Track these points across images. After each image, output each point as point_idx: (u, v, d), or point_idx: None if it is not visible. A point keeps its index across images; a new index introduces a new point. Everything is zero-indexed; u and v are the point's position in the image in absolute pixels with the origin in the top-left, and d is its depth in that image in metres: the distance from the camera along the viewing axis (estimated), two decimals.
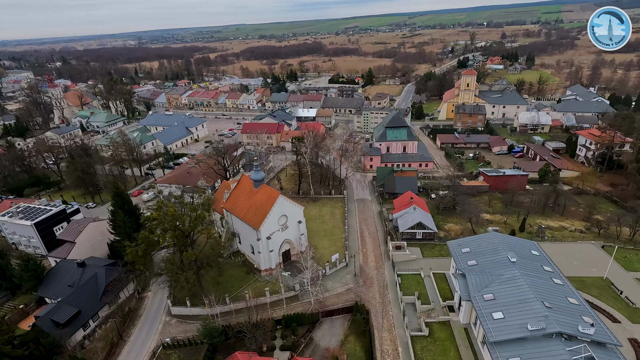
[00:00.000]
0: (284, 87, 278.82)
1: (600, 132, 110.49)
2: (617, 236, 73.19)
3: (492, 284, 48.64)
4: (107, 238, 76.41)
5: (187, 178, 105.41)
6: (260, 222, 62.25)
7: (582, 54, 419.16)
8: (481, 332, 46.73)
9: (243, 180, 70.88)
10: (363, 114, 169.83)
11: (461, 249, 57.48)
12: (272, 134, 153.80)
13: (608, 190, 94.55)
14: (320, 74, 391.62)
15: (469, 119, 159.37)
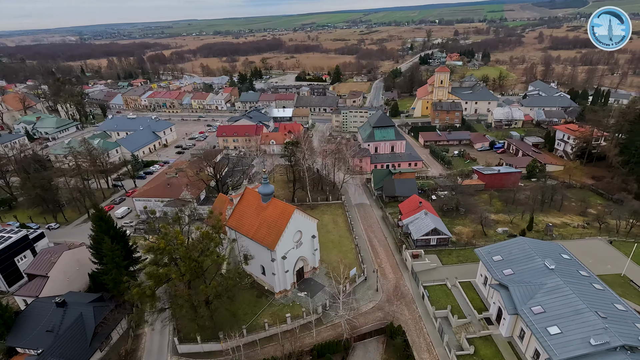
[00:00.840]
0: (252, 85, 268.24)
1: (578, 127, 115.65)
2: (617, 229, 75.65)
3: (536, 295, 46.76)
4: (87, 267, 66.24)
5: (167, 190, 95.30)
6: (275, 242, 56.11)
7: (529, 50, 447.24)
8: (532, 347, 44.70)
9: (248, 194, 64.01)
10: (342, 113, 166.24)
11: (492, 257, 55.42)
12: (251, 137, 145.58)
13: (593, 183, 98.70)
14: (285, 71, 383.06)
15: (447, 115, 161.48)
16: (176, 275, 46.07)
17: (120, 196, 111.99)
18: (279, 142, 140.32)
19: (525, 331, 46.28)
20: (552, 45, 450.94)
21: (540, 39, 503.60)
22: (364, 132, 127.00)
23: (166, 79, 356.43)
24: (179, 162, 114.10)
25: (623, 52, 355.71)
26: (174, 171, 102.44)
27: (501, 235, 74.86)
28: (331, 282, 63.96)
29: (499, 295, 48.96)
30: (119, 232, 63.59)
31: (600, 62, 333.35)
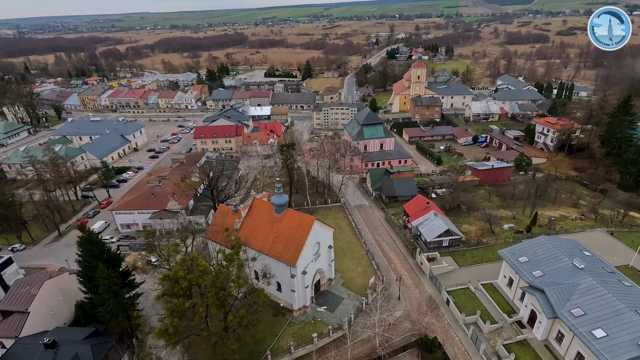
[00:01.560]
0: (222, 82, 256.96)
1: (556, 120, 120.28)
2: (612, 220, 78.68)
3: (572, 297, 46.37)
4: (72, 296, 58.22)
5: (152, 201, 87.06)
6: (296, 257, 51.80)
7: (488, 45, 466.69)
8: (574, 350, 44.19)
9: (257, 204, 58.87)
10: (323, 111, 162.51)
11: (517, 258, 54.74)
12: (231, 137, 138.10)
13: (577, 175, 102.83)
14: (252, 67, 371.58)
15: (427, 110, 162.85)
16: (203, 308, 40.44)
17: (94, 208, 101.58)
18: (263, 143, 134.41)
19: (564, 334, 45.77)
20: (507, 40, 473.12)
21: (495, 34, 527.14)
22: (352, 130, 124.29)
23: (124, 76, 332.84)
24: (159, 169, 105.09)
25: (572, 47, 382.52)
26: (157, 179, 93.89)
27: (508, 232, 75.27)
28: (350, 293, 61.04)
29: (535, 298, 48.14)
30: (113, 256, 56.08)
31: (553, 56, 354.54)
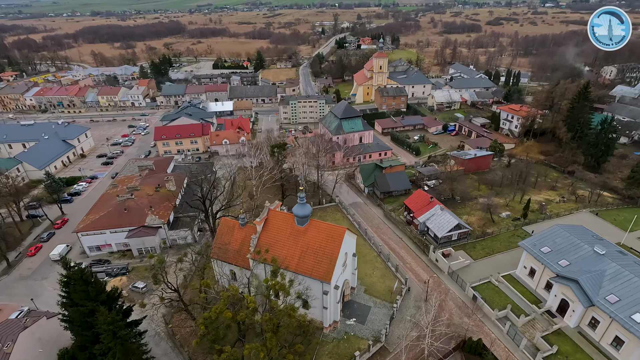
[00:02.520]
0: (169, 76, 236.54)
1: (519, 107, 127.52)
2: (589, 200, 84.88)
3: (603, 284, 48.13)
4: (52, 345, 48.23)
5: (126, 217, 75.90)
6: (330, 272, 47.49)
7: (428, 34, 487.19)
8: (611, 335, 46.05)
9: (274, 217, 53.00)
10: (290, 104, 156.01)
11: (539, 248, 55.86)
12: (197, 137, 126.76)
13: (545, 159, 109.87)
14: (197, 58, 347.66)
15: (393, 101, 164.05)
16: (264, 353, 34.45)
17: (47, 230, 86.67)
18: (233, 142, 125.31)
19: (599, 320, 47.46)
20: (445, 29, 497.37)
21: (433, 23, 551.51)
22: (330, 124, 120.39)
23: (47, 70, 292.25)
24: (124, 178, 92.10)
25: (503, 36, 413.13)
26: (127, 191, 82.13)
27: (506, 219, 77.58)
28: (375, 301, 58.31)
29: (568, 288, 49.25)
30: (112, 294, 46.89)
31: (488, 44, 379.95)
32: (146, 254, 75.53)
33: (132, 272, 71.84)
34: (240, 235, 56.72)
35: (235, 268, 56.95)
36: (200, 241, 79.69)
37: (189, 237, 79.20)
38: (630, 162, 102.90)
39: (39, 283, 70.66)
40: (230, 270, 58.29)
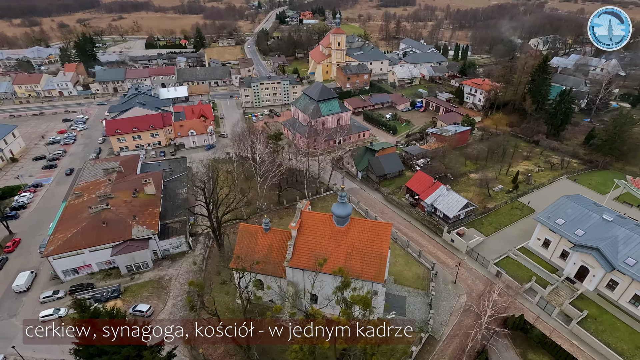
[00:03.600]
0: (97, 59, 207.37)
1: (482, 80, 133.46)
2: (562, 167, 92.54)
3: (619, 249, 52.56)
4: None
5: (105, 231, 65.27)
6: (382, 271, 45.40)
7: (366, 8, 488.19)
8: (630, 293, 50.99)
9: (309, 218, 48.68)
10: (252, 86, 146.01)
11: (554, 221, 59.22)
12: (158, 130, 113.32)
13: (512, 130, 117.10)
14: (124, 37, 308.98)
15: (357, 79, 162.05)
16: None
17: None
18: (200, 132, 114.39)
19: (617, 282, 52.07)
20: (382, 2, 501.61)
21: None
22: (305, 107, 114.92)
23: None
24: (87, 185, 78.65)
25: (437, 10, 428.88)
26: (99, 200, 70.41)
27: (500, 193, 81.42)
28: (408, 290, 57.90)
29: (589, 256, 53.03)
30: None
31: (425, 18, 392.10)
32: (137, 270, 66.77)
33: (126, 293, 62.82)
34: (266, 242, 51.80)
35: (261, 277, 52.21)
36: (195, 248, 72.28)
37: (182, 245, 71.16)
38: (583, 128, 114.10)
39: (8, 323, 58.64)
40: (255, 280, 53.41)
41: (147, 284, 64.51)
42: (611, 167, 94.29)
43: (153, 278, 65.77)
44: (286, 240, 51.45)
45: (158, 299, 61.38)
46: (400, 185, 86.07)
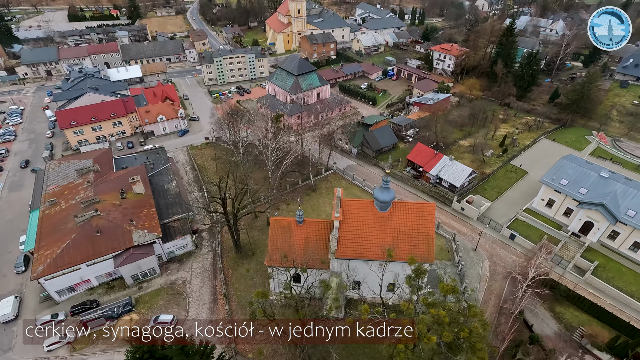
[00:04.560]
0: (12, 35, 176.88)
1: (450, 46, 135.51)
2: (538, 127, 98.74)
3: (619, 202, 57.89)
4: None
5: (101, 241, 57.83)
6: (431, 252, 45.68)
7: None
8: (630, 241, 57.01)
9: (348, 207, 46.62)
10: (215, 62, 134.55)
11: (559, 182, 63.30)
12: (121, 117, 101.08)
13: (484, 94, 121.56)
14: (38, 8, 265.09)
15: (323, 48, 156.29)
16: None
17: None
18: (170, 117, 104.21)
19: (618, 232, 57.79)
20: None
21: None
22: (284, 83, 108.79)
23: None
24: (61, 190, 68.03)
25: None
26: (84, 206, 61.75)
27: (492, 158, 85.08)
28: (435, 262, 59.30)
29: (596, 212, 57.89)
30: (206, 352, 36.10)
31: None
32: (143, 278, 60.94)
33: (139, 304, 57.28)
34: (301, 234, 49.37)
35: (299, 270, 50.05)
36: (201, 246, 67.41)
37: (188, 244, 65.89)
38: (545, 88, 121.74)
39: (5, 358, 51.06)
40: (292, 275, 51.17)
41: (160, 291, 59.34)
42: (576, 124, 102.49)
43: (164, 284, 60.64)
44: (322, 231, 49.57)
45: (178, 306, 56.96)
46: (397, 158, 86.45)
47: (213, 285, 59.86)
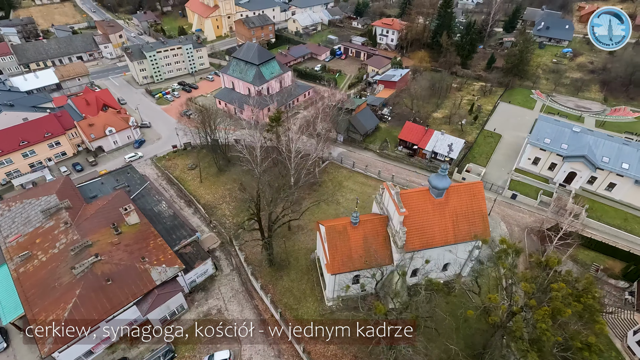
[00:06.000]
0: None
1: (391, 20, 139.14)
2: (490, 92, 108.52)
3: (594, 151, 67.56)
4: None
5: (115, 290, 48.67)
6: (487, 226, 48.30)
7: None
8: (606, 183, 67.53)
9: (406, 199, 46.12)
10: (149, 56, 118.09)
11: (543, 141, 71.10)
12: (58, 136, 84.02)
13: (432, 65, 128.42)
14: None
15: (262, 32, 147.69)
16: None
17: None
18: (121, 128, 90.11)
19: (596, 177, 67.86)
20: None
21: None
22: (244, 74, 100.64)
23: None
24: (31, 238, 54.24)
25: None
26: (71, 255, 50.86)
27: (467, 125, 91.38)
28: None
29: (580, 163, 66.86)
30: None
31: None
32: (171, 317, 53.71)
33: (180, 349, 50.50)
34: (359, 235, 48.13)
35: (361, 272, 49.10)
36: (220, 267, 61.48)
37: (209, 269, 59.44)
38: (480, 55, 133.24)
39: None
40: (353, 277, 50.03)
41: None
42: (515, 86, 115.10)
43: (198, 318, 54.42)
44: (379, 228, 48.94)
45: (225, 339, 51.54)
46: (384, 139, 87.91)
47: (254, 306, 55.41)
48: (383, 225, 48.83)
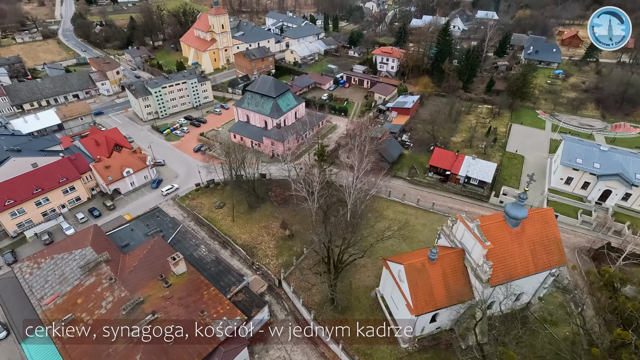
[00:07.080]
0: None
1: (391, 49, 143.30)
2: (499, 114, 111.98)
3: (626, 169, 69.81)
4: None
5: (180, 351, 44.29)
6: (562, 253, 47.92)
7: None
8: None
9: (486, 230, 45.20)
10: (154, 92, 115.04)
11: (575, 160, 72.93)
12: (74, 181, 78.73)
13: (436, 90, 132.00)
14: None
15: (262, 63, 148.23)
16: None
17: None
18: (139, 169, 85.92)
19: (631, 193, 69.86)
20: None
21: None
22: (260, 107, 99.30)
23: None
24: (63, 303, 48.66)
25: None
26: (129, 313, 46.16)
27: (488, 148, 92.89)
28: None
29: (615, 181, 68.76)
30: None
31: None
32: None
33: None
34: (438, 272, 46.43)
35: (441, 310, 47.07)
36: (273, 313, 57.71)
37: (265, 316, 55.57)
38: (478, 79, 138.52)
39: None
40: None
41: None
42: (518, 107, 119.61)
43: None
44: (456, 262, 47.45)
45: None
46: (410, 165, 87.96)
47: (320, 354, 51.79)
48: (460, 259, 47.44)
